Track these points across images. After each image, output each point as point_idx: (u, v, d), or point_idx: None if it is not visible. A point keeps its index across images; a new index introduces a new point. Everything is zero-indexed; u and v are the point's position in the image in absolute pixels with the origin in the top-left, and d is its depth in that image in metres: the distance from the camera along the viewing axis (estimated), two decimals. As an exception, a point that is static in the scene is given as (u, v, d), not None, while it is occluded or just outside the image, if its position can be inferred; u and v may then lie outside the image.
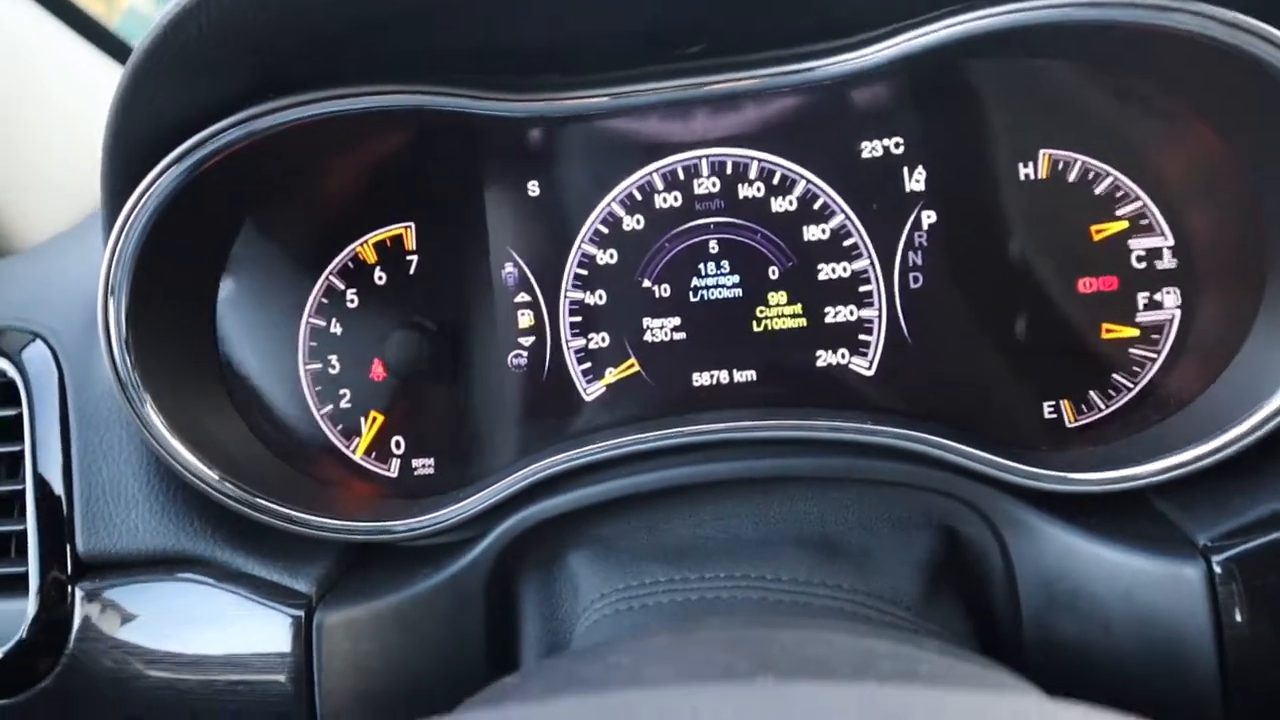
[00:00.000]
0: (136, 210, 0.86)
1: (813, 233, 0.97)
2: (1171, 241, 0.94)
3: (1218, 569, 0.81)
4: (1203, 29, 0.79)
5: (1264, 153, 0.87)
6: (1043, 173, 0.95)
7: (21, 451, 0.97)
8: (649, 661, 0.57)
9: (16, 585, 0.94)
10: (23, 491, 0.95)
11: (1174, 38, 0.80)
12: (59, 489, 0.95)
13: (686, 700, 0.43)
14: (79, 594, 0.93)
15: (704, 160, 0.98)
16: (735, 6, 0.88)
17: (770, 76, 0.90)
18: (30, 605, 0.92)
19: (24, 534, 0.95)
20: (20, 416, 0.97)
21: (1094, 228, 0.95)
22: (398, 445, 1.03)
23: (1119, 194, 0.94)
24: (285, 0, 0.77)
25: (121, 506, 0.93)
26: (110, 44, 1.55)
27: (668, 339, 0.99)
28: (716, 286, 0.98)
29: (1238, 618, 0.80)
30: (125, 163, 0.86)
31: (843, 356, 0.98)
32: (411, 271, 1.02)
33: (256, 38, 0.81)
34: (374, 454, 1.04)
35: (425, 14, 0.83)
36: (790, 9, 0.89)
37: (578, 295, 1.00)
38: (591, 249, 0.99)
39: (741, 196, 0.98)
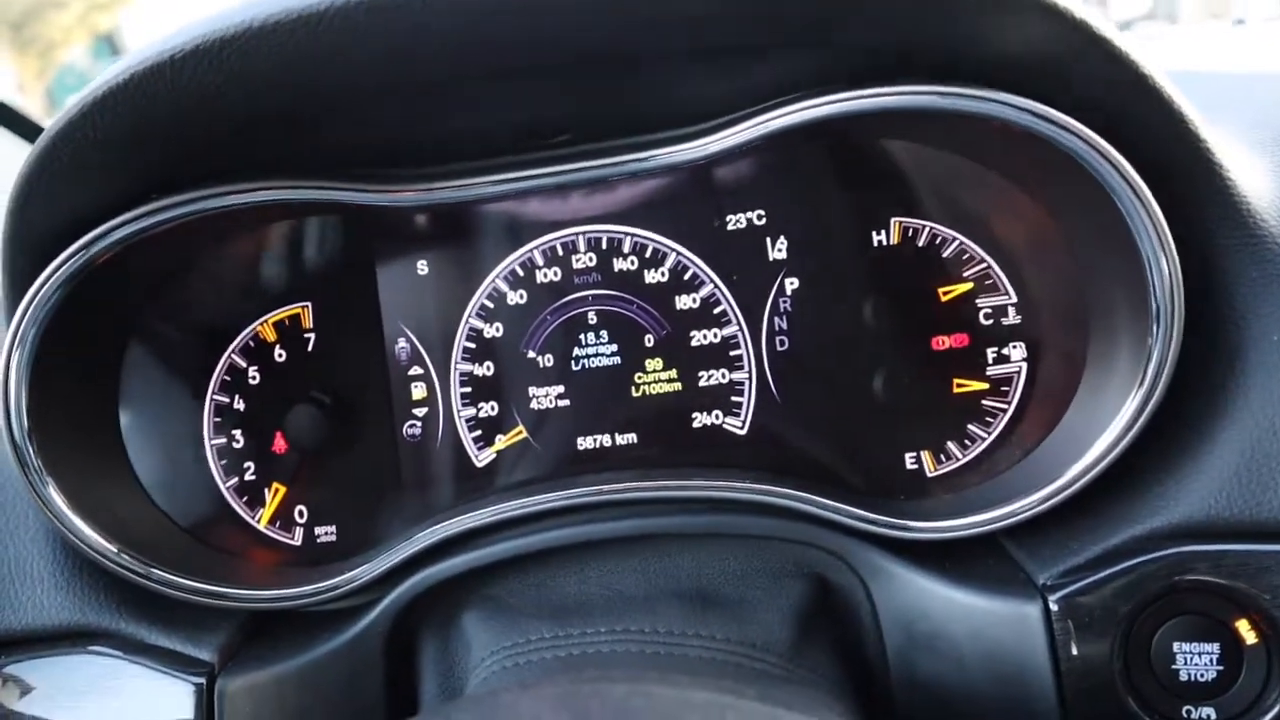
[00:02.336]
0: (31, 308, 0.90)
1: (684, 302, 1.04)
2: (1015, 299, 1.01)
3: (1054, 607, 0.87)
4: (1017, 119, 0.86)
5: (1079, 225, 0.95)
6: (894, 239, 1.02)
7: None
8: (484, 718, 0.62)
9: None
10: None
11: (996, 126, 0.88)
12: None
13: None
14: (-15, 672, 0.96)
15: (580, 237, 1.04)
16: (596, 105, 0.95)
17: (635, 161, 0.97)
18: (-64, 685, 0.96)
19: None
20: None
21: (942, 289, 1.02)
22: (300, 514, 1.08)
23: (965, 257, 1.02)
24: (172, 107, 0.83)
25: (27, 584, 0.97)
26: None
27: (552, 406, 1.05)
28: (596, 355, 1.04)
29: (1073, 651, 0.86)
30: (20, 262, 0.90)
31: (716, 417, 1.04)
32: (310, 349, 1.07)
33: (146, 141, 0.86)
34: (278, 523, 1.08)
35: (310, 116, 0.89)
36: (648, 104, 0.96)
37: (467, 367, 1.06)
38: (479, 323, 1.05)
39: (617, 270, 1.04)
